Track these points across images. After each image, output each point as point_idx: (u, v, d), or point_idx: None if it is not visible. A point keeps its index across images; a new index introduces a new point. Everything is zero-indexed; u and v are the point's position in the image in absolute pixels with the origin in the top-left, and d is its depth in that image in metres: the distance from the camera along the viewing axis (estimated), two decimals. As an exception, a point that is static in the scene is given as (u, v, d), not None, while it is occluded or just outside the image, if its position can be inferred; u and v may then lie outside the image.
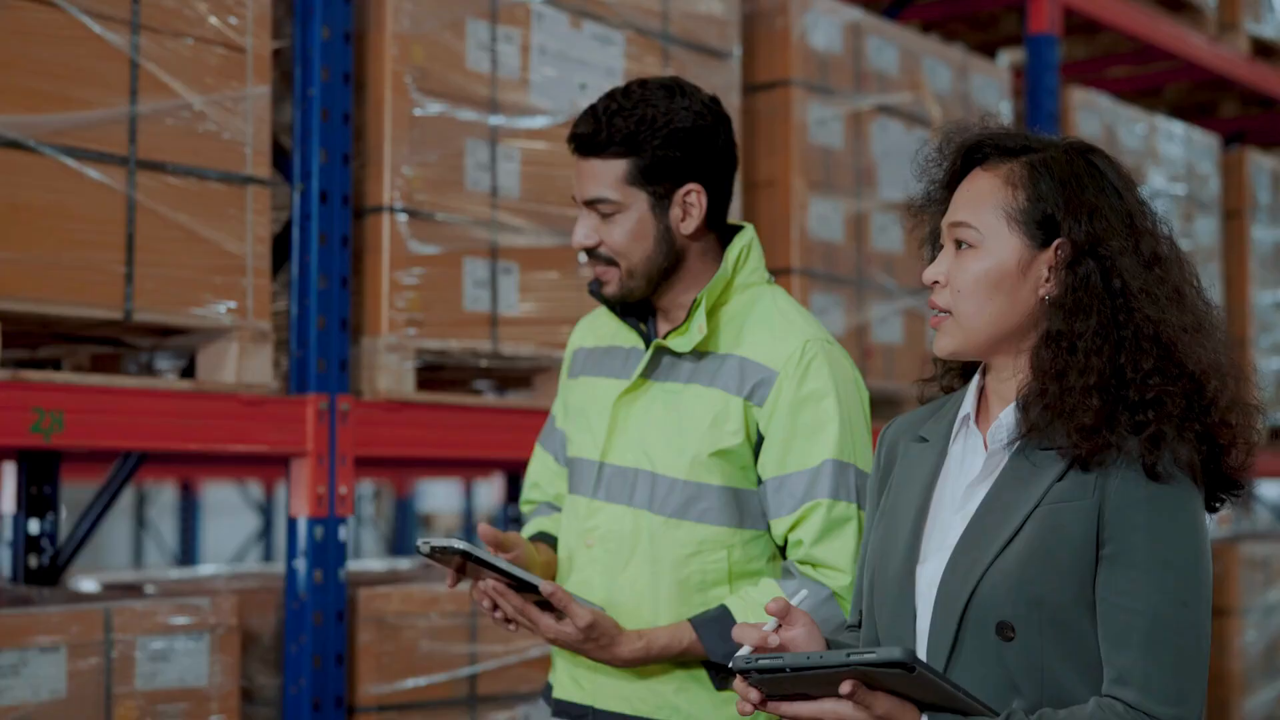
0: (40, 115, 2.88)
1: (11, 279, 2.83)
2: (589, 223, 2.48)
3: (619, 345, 2.60)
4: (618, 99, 2.47)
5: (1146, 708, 1.86)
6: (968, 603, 1.92)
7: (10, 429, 2.81)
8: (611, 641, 2.39)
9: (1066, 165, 1.99)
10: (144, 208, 3.02)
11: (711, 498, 2.45)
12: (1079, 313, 1.95)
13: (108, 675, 3.03)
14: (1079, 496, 1.91)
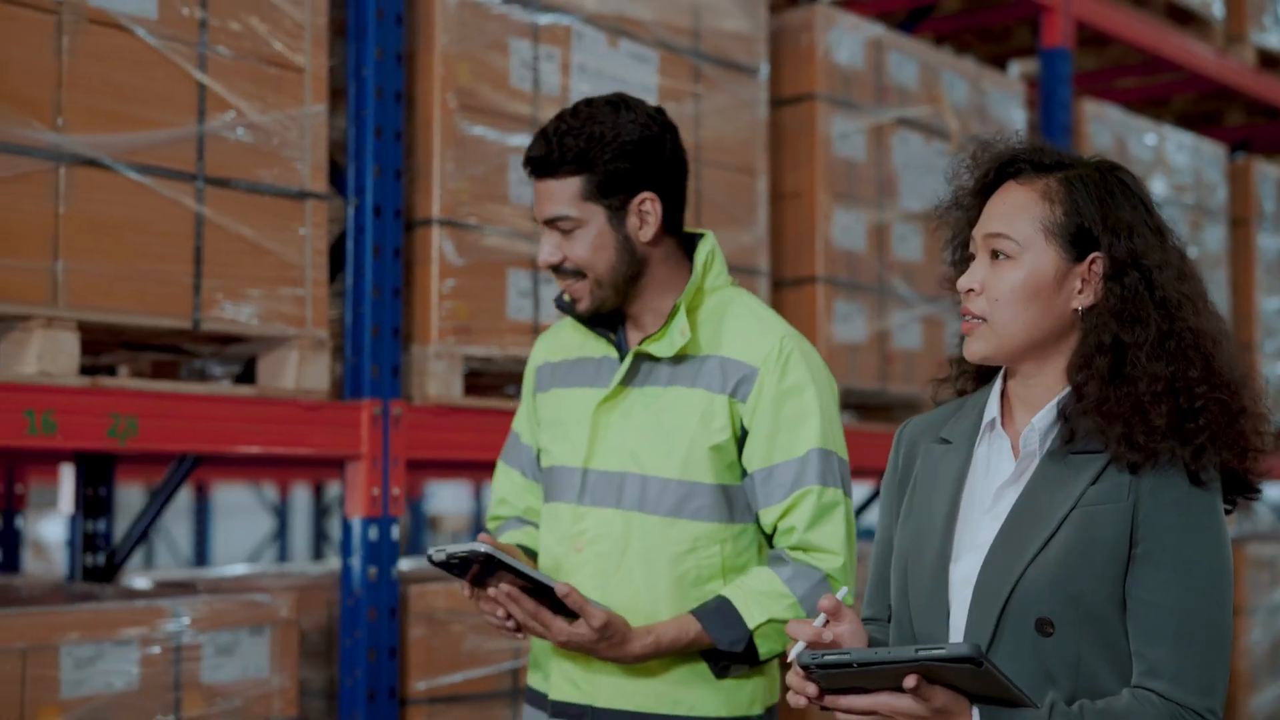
0: (115, 135, 3.03)
1: (89, 290, 2.97)
2: (551, 241, 2.56)
3: (589, 356, 2.67)
4: (566, 120, 2.56)
5: (1178, 698, 1.95)
6: (1008, 599, 2.00)
7: (89, 433, 2.96)
8: (624, 639, 2.46)
9: (1100, 182, 2.08)
10: (210, 222, 3.17)
11: (704, 495, 2.54)
12: (1136, 322, 2.03)
13: (176, 668, 3.17)
14: (1114, 499, 2.00)
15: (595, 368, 2.65)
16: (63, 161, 2.95)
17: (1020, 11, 5.89)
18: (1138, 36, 6.08)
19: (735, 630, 2.48)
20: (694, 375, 2.57)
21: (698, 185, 4.20)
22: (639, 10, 4.03)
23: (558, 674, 2.58)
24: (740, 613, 2.49)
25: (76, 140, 2.96)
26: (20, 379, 2.88)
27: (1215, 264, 6.53)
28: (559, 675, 2.57)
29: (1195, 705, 1.96)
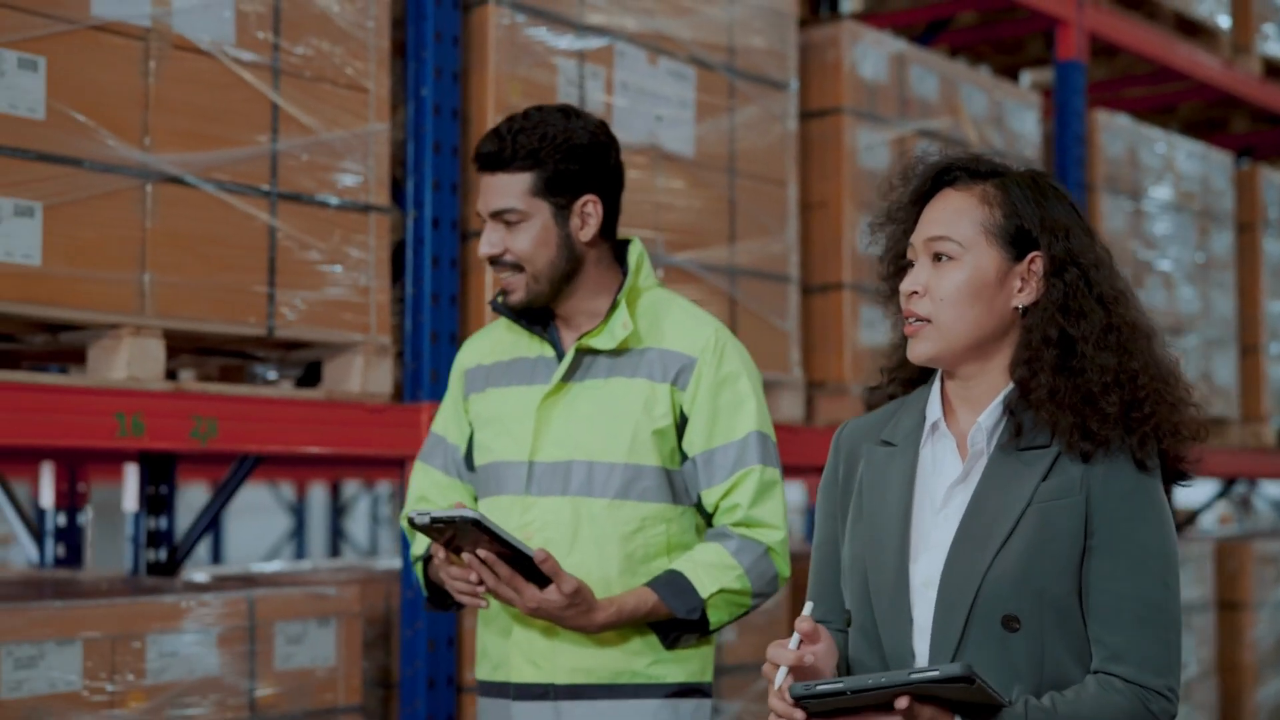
0: (196, 153, 3.21)
1: (173, 300, 3.15)
2: (494, 234, 2.71)
3: (523, 356, 2.79)
4: (519, 120, 2.71)
5: (1141, 680, 2.04)
6: (974, 600, 2.06)
7: (173, 434, 3.14)
8: (590, 608, 2.58)
9: (1033, 186, 2.17)
10: (282, 234, 3.35)
11: (650, 477, 2.69)
12: (1081, 316, 2.09)
13: (251, 657, 3.36)
14: (1067, 494, 2.07)
15: (531, 366, 2.77)
16: (149, 179, 3.13)
17: (1035, 25, 6.08)
18: (1148, 48, 6.26)
19: (690, 600, 2.63)
20: (634, 366, 2.71)
21: (732, 195, 4.38)
22: (677, 30, 4.21)
23: (518, 657, 2.69)
24: (693, 583, 2.64)
25: (162, 159, 3.15)
26: (111, 384, 3.06)
27: (1223, 268, 6.72)
28: (519, 658, 2.69)
29: (1157, 685, 2.04)
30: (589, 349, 2.72)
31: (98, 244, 3.04)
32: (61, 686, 3.03)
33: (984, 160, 2.22)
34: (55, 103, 2.98)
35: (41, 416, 2.96)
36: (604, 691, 2.66)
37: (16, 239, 2.92)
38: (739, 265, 4.39)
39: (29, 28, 2.95)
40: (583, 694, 2.66)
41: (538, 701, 2.67)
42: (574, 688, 2.66)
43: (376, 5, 3.55)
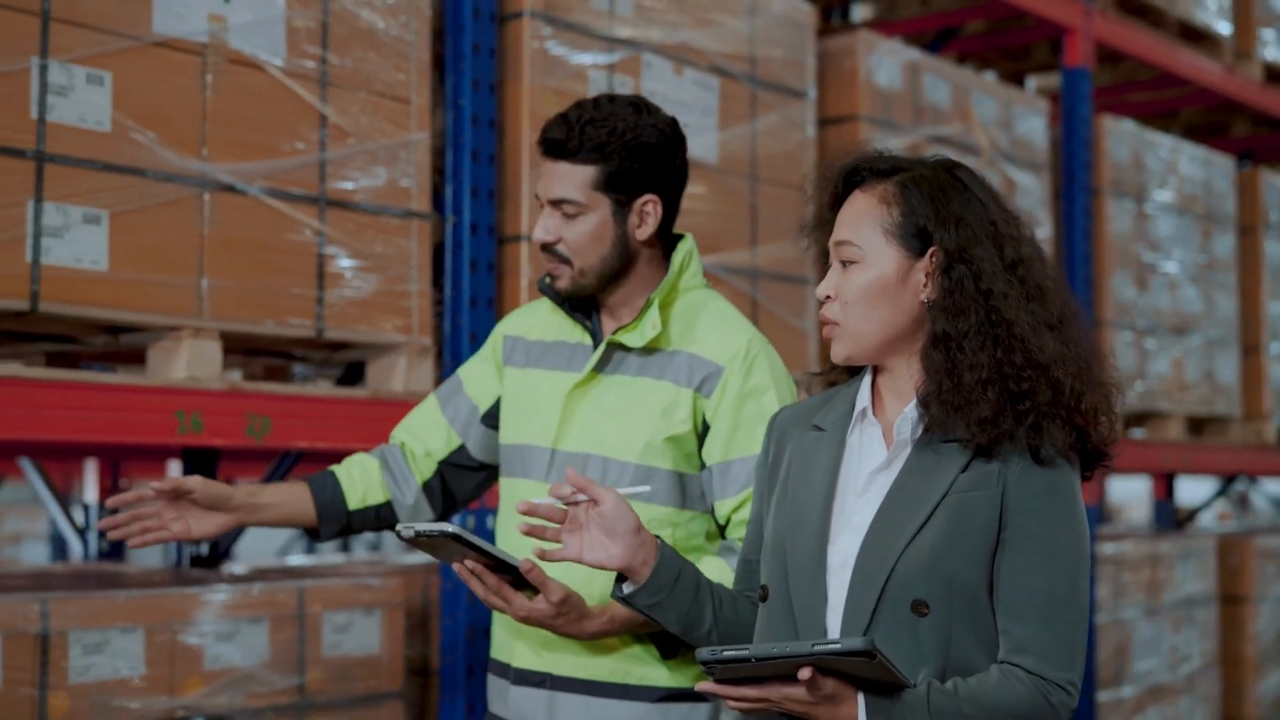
0: (250, 162, 3.35)
1: (229, 303, 3.30)
2: (551, 221, 2.67)
3: (564, 340, 2.77)
4: (589, 110, 2.66)
5: (1042, 672, 2.08)
6: (886, 582, 2.10)
7: (230, 431, 3.28)
8: (580, 616, 2.55)
9: (934, 181, 2.19)
10: (330, 239, 3.50)
11: (659, 480, 2.65)
12: (959, 314, 2.14)
13: (301, 644, 3.50)
14: (983, 487, 2.12)
15: (570, 353, 2.76)
16: (206, 188, 3.27)
17: (1042, 32, 6.23)
18: (1153, 55, 6.42)
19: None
20: (662, 368, 2.68)
21: (753, 201, 4.53)
22: (701, 41, 4.36)
23: (522, 645, 2.71)
24: None
25: (218, 168, 3.29)
26: (171, 383, 3.21)
27: (1225, 270, 6.88)
28: (523, 646, 2.71)
29: (1057, 678, 2.09)
30: (620, 344, 2.71)
31: (159, 250, 3.19)
32: (125, 672, 3.17)
33: (888, 158, 2.25)
34: (120, 116, 3.13)
35: (107, 415, 3.11)
36: (598, 688, 2.66)
37: (85, 245, 3.07)
38: (760, 268, 4.53)
39: (96, 44, 3.09)
40: (577, 688, 2.67)
41: (534, 688, 2.70)
42: (570, 680, 2.68)
43: (417, 19, 3.70)
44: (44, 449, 4.69)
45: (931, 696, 2.04)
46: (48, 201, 3.01)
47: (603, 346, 2.70)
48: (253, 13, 3.36)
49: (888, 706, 2.02)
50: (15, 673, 3.01)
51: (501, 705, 2.77)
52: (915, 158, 2.27)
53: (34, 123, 3.00)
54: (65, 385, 3.06)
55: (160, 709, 3.23)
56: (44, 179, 3.01)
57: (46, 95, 3.02)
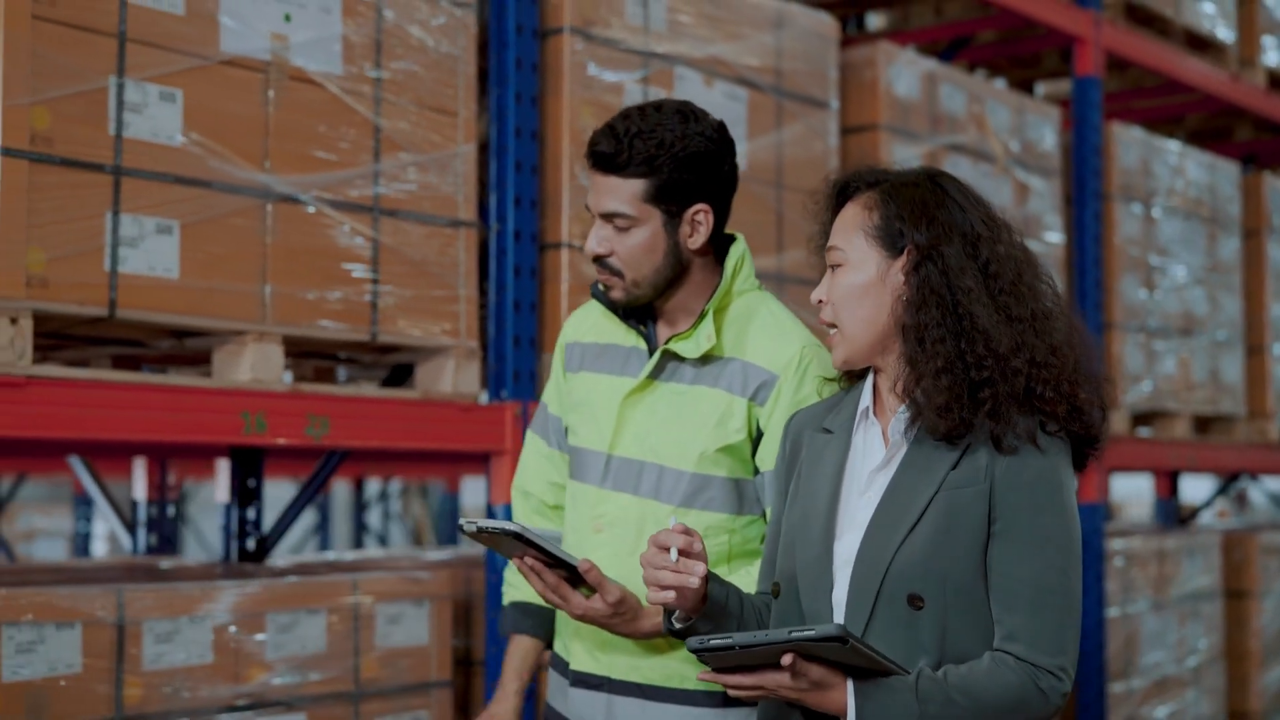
0: (309, 175, 3.51)
1: (290, 309, 3.46)
2: (603, 233, 2.68)
3: (618, 344, 2.78)
4: (636, 121, 2.65)
5: (1032, 658, 2.15)
6: (884, 577, 2.18)
7: (292, 431, 3.44)
8: (635, 616, 2.58)
9: (914, 188, 2.30)
10: (384, 247, 3.66)
11: (715, 488, 2.68)
12: (922, 307, 2.23)
13: (355, 635, 3.66)
14: (973, 482, 2.19)
15: (624, 357, 2.77)
16: (269, 198, 3.43)
17: (1053, 42, 6.39)
18: (1161, 64, 6.58)
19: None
20: (716, 376, 2.69)
21: (779, 208, 4.69)
22: (730, 54, 4.52)
23: (579, 647, 2.75)
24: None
25: (279, 180, 3.45)
26: (237, 385, 3.37)
27: (1230, 272, 7.04)
28: (580, 648, 2.74)
29: (1047, 664, 2.15)
30: (674, 353, 2.73)
31: (225, 258, 3.34)
32: (195, 660, 3.33)
33: (876, 171, 2.37)
34: (190, 130, 3.29)
35: (178, 416, 3.27)
36: (655, 693, 2.69)
37: (158, 254, 3.22)
38: (786, 272, 4.70)
39: (168, 64, 3.25)
40: (635, 692, 2.69)
41: (593, 691, 2.73)
42: (628, 685, 2.70)
43: (464, 35, 3.86)
44: (120, 448, 4.85)
45: (920, 682, 2.12)
46: (124, 213, 3.17)
47: (658, 354, 2.72)
48: (311, 31, 3.52)
49: (875, 691, 2.11)
50: (94, 660, 3.17)
51: (561, 703, 2.82)
52: (904, 169, 2.37)
53: (111, 138, 3.16)
54: (140, 388, 3.22)
55: (225, 696, 3.39)
56: (121, 192, 3.17)
57: (123, 112, 3.18)
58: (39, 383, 3.02)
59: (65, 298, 3.08)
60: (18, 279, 3.00)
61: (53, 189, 3.07)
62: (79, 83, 3.11)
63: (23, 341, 3.00)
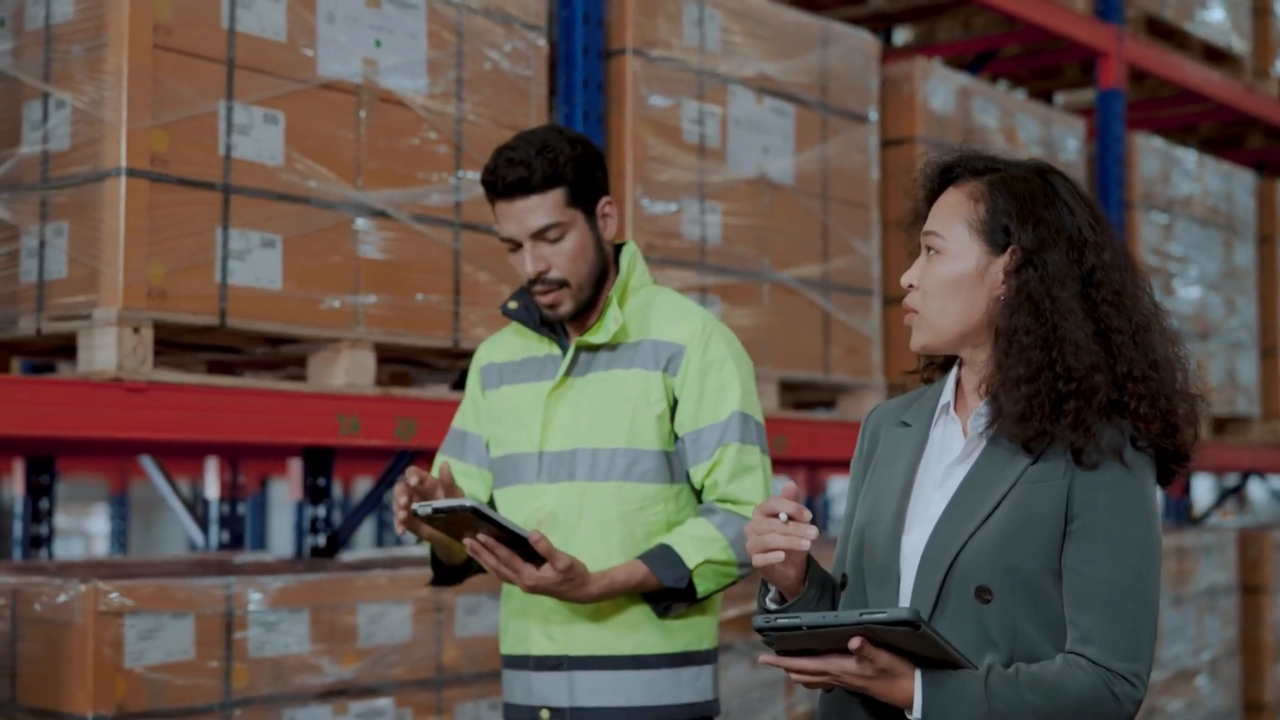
0: (397, 190, 3.72)
1: (379, 317, 3.67)
2: (536, 252, 2.82)
3: (533, 356, 2.94)
4: (524, 147, 2.82)
5: (1107, 662, 2.06)
6: (950, 568, 2.12)
7: (382, 433, 3.66)
8: (583, 581, 2.71)
9: (1023, 183, 2.20)
10: (465, 259, 3.87)
11: (648, 460, 2.83)
12: (1017, 312, 2.15)
13: (438, 626, 3.87)
14: (1051, 478, 2.13)
15: (539, 365, 2.93)
16: (361, 214, 3.65)
17: (1075, 55, 6.61)
18: (1181, 76, 6.81)
19: (677, 569, 2.77)
20: (630, 358, 2.86)
21: (825, 219, 4.91)
22: (779, 72, 4.74)
23: (537, 632, 2.86)
24: (680, 555, 2.77)
25: (370, 195, 3.66)
26: (332, 390, 3.58)
27: (1245, 277, 7.27)
28: (538, 633, 2.85)
29: (1121, 669, 2.07)
30: (587, 345, 2.88)
31: (322, 270, 3.56)
32: (295, 648, 3.55)
33: (984, 157, 2.27)
34: (290, 150, 3.50)
35: (278, 418, 3.48)
36: (609, 662, 2.81)
37: (263, 267, 3.44)
38: (831, 280, 4.91)
39: (272, 88, 3.47)
40: (591, 664, 2.81)
41: (553, 671, 2.84)
42: (584, 659, 2.82)
43: (536, 57, 4.08)
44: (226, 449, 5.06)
45: (990, 678, 2.05)
46: (233, 229, 3.38)
47: (572, 350, 2.88)
48: (399, 55, 3.73)
49: (944, 684, 2.04)
50: (205, 648, 3.38)
51: (526, 694, 2.89)
52: (1011, 159, 2.28)
53: (221, 159, 3.38)
54: (246, 392, 3.44)
55: (323, 681, 3.60)
56: (230, 208, 3.38)
57: (231, 134, 3.39)
58: (159, 387, 3.24)
59: (182, 308, 3.29)
60: (140, 291, 3.21)
61: (170, 206, 3.28)
62: (193, 107, 3.32)
63: (144, 349, 3.21)
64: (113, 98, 3.23)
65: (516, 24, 4.04)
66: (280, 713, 3.51)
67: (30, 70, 3.39)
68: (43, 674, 3.27)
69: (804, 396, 5.24)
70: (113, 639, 3.22)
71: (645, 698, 2.81)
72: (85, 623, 3.19)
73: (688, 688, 2.85)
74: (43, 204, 3.35)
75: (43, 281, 3.34)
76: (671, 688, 2.83)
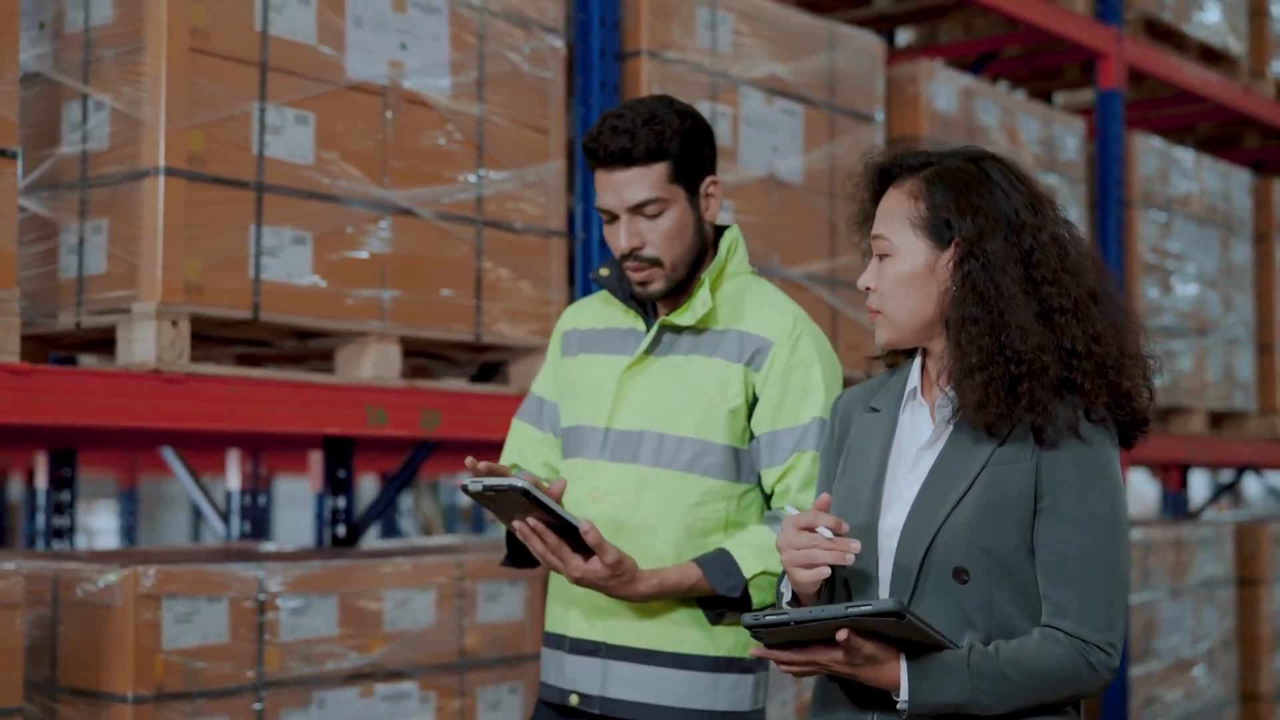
0: (421, 189, 3.84)
1: (405, 312, 3.79)
2: (631, 227, 2.74)
3: (615, 326, 2.86)
4: (631, 115, 2.73)
5: (1082, 634, 2.16)
6: (926, 551, 2.20)
7: (408, 424, 3.77)
8: (632, 578, 2.64)
9: (958, 174, 2.27)
10: (486, 256, 3.99)
11: (716, 454, 2.74)
12: (964, 303, 2.23)
13: (460, 612, 3.99)
14: (1018, 459, 2.20)
15: (622, 337, 2.85)
16: (387, 211, 3.76)
17: (1076, 56, 6.73)
18: (1179, 77, 6.92)
19: (733, 578, 2.67)
20: (713, 346, 2.77)
21: (832, 216, 5.02)
22: (788, 73, 4.85)
23: (576, 614, 2.80)
24: (738, 563, 2.68)
25: (396, 194, 3.78)
26: (360, 382, 3.69)
27: (1242, 275, 7.40)
28: (577, 615, 2.80)
29: (1095, 639, 2.16)
30: (672, 325, 2.80)
31: (350, 266, 3.67)
32: (323, 632, 3.66)
33: (918, 154, 2.34)
34: (320, 150, 3.61)
35: (308, 409, 3.60)
36: (649, 656, 2.74)
37: (294, 263, 3.55)
38: (839, 277, 5.03)
39: (303, 90, 3.58)
40: (629, 656, 2.75)
41: (588, 657, 2.78)
42: (623, 649, 2.75)
43: (555, 59, 4.19)
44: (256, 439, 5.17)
45: (972, 657, 2.14)
46: (266, 226, 3.50)
47: (655, 328, 2.80)
48: (423, 58, 3.85)
49: (928, 666, 2.13)
50: (238, 631, 3.49)
51: (558, 676, 2.84)
52: (945, 150, 2.35)
53: (254, 158, 3.49)
54: (278, 384, 3.55)
55: (350, 665, 3.71)
56: (263, 206, 3.50)
57: (264, 134, 3.50)
58: (195, 379, 3.35)
59: (217, 302, 3.41)
60: (178, 286, 3.33)
61: (206, 205, 3.39)
62: (227, 108, 3.44)
63: (182, 342, 3.33)
64: (151, 99, 3.34)
65: (535, 27, 4.15)
66: (310, 694, 3.63)
67: (70, 72, 3.50)
68: (83, 656, 3.38)
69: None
70: (151, 622, 3.33)
71: (679, 699, 2.73)
72: (125, 606, 3.31)
73: (725, 694, 2.76)
74: (82, 202, 3.47)
75: (82, 277, 3.45)
76: (708, 691, 2.74)
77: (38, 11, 3.56)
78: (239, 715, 3.47)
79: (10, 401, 3.04)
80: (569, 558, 2.60)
